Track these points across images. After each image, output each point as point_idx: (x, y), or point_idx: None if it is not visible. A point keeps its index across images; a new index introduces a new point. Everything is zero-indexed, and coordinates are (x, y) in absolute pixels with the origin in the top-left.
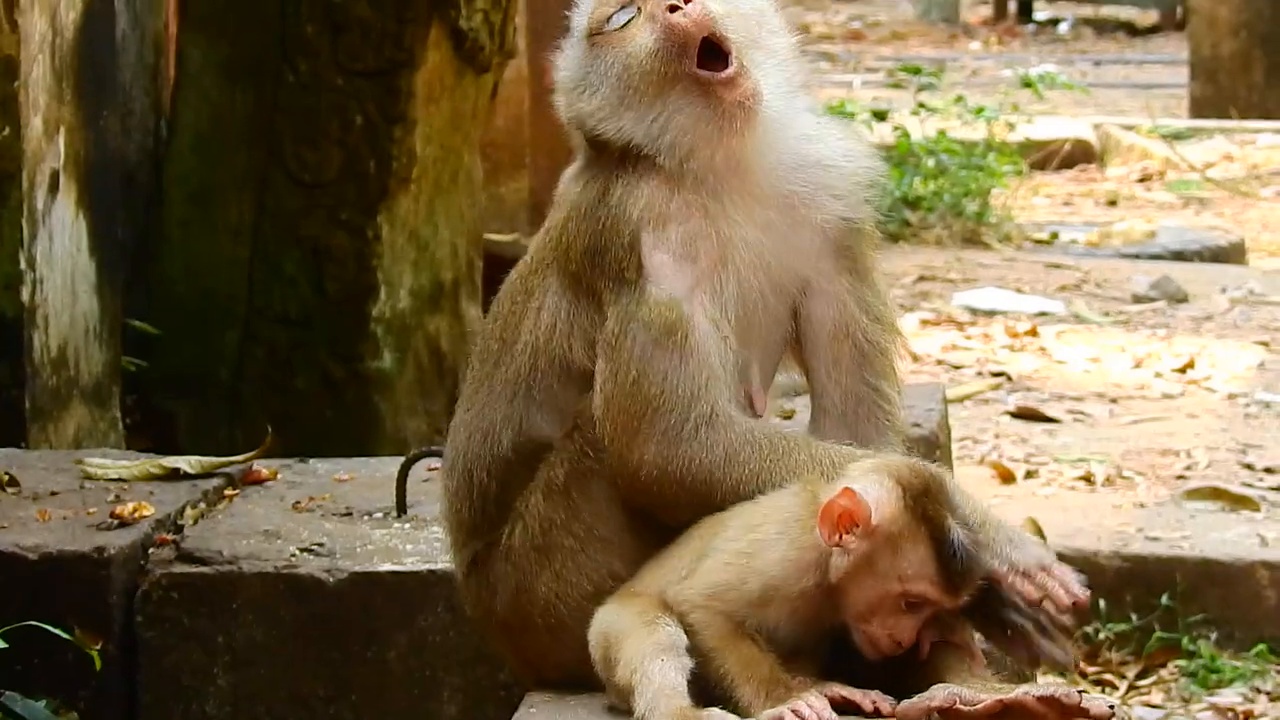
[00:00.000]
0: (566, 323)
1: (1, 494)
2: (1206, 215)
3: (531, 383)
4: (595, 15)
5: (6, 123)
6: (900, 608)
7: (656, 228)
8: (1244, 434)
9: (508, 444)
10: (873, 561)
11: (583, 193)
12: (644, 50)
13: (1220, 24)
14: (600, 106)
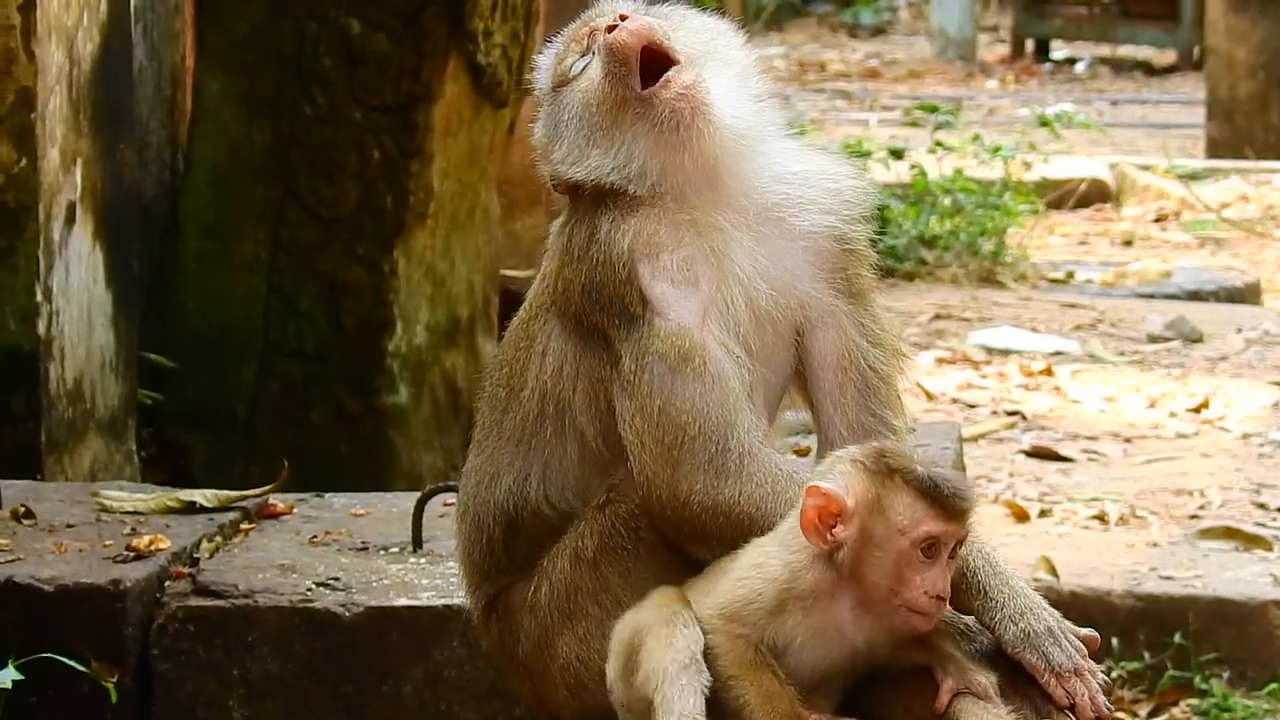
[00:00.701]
0: (574, 363)
1: (18, 526)
2: (1222, 255)
3: (539, 428)
4: (558, 68)
5: (23, 154)
6: (919, 560)
7: (651, 257)
8: (1258, 474)
9: (515, 494)
10: (870, 535)
11: (571, 236)
12: (594, 82)
13: (1238, 65)
14: (568, 152)
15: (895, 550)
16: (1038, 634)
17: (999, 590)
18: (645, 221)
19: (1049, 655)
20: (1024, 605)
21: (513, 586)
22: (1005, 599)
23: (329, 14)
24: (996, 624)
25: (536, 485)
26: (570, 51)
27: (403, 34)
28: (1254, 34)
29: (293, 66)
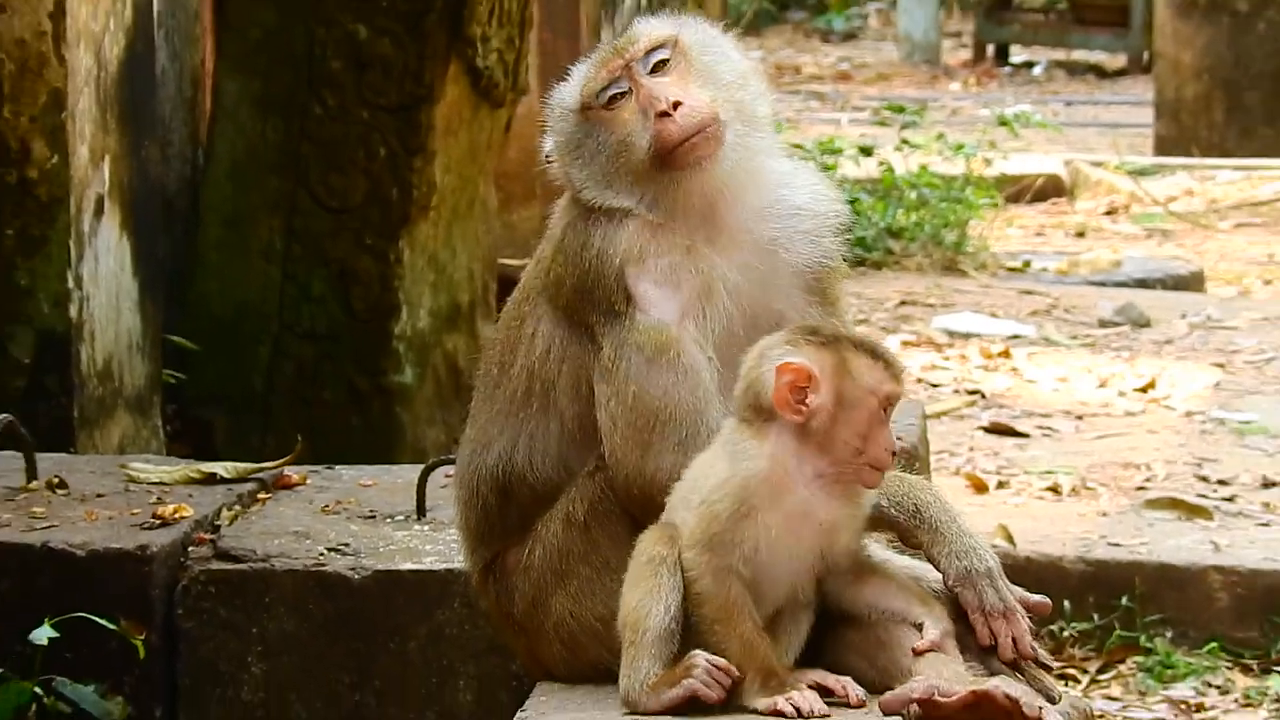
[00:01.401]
0: (560, 348)
1: (52, 495)
2: (1168, 246)
3: (526, 404)
4: (588, 89)
5: (55, 151)
6: (882, 417)
7: (639, 262)
8: (1200, 449)
9: (504, 462)
10: (843, 398)
11: (567, 236)
12: (634, 146)
13: (1184, 68)
14: (590, 177)
15: (866, 409)
16: (978, 573)
17: (949, 528)
18: (638, 235)
19: (983, 595)
20: (969, 545)
21: (507, 550)
22: (953, 537)
23: (338, 20)
24: (942, 558)
25: (523, 455)
26: (600, 78)
27: (406, 39)
28: (1198, 39)
29: (304, 69)
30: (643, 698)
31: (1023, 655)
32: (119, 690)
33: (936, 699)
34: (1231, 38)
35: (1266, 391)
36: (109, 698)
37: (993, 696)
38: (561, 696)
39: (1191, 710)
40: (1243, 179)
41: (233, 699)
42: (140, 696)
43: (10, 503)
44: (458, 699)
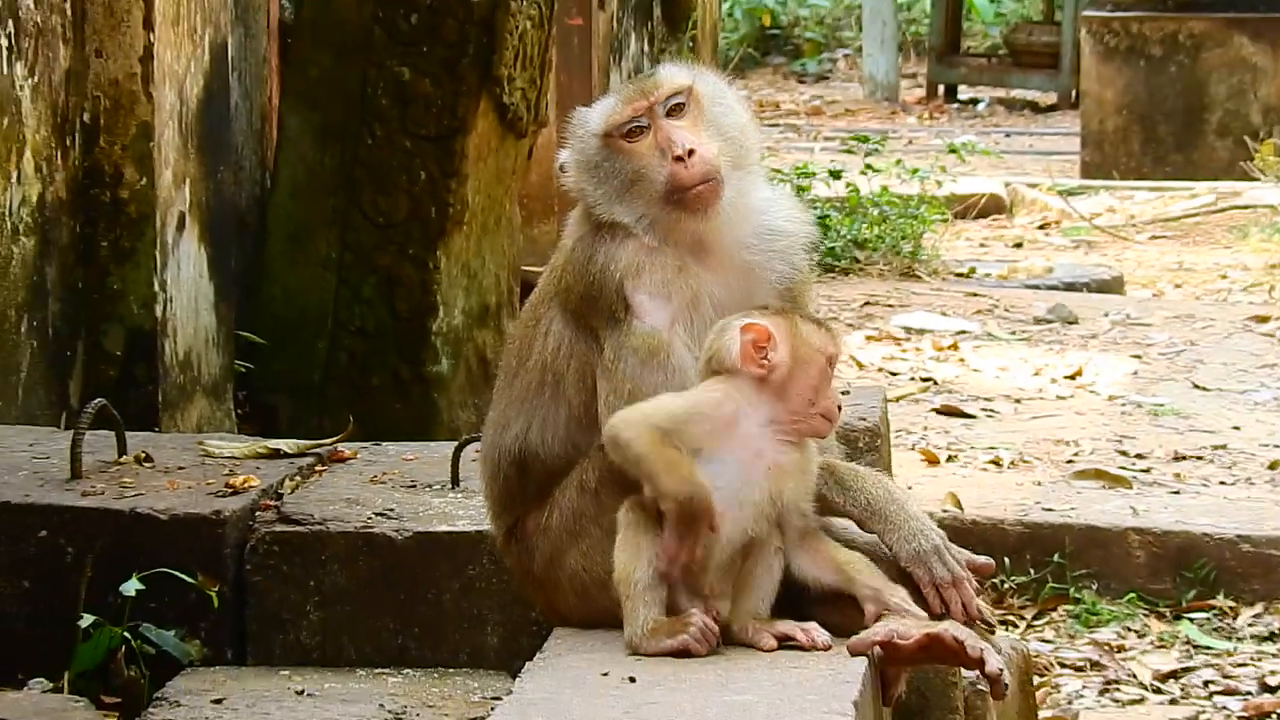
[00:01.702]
0: (569, 346)
1: (139, 468)
2: (1094, 255)
3: (539, 392)
4: (611, 120)
5: (143, 174)
6: (829, 374)
7: (636, 277)
8: (1121, 428)
9: (520, 440)
10: (799, 356)
11: (578, 249)
12: (648, 178)
13: (1106, 104)
14: (604, 195)
15: (818, 367)
16: (926, 552)
17: (897, 515)
18: (638, 253)
19: (933, 570)
20: (916, 528)
21: (527, 515)
22: (901, 523)
23: (386, 63)
24: (894, 544)
25: (536, 435)
26: (625, 113)
27: (443, 79)
28: (1119, 80)
29: (357, 105)
30: (643, 643)
31: (971, 618)
32: (196, 635)
33: (896, 641)
34: (1147, 78)
35: (1177, 379)
36: (187, 641)
37: (942, 638)
38: (575, 640)
39: (1114, 651)
40: (1156, 198)
41: (293, 642)
42: (214, 640)
43: (104, 474)
44: (486, 642)
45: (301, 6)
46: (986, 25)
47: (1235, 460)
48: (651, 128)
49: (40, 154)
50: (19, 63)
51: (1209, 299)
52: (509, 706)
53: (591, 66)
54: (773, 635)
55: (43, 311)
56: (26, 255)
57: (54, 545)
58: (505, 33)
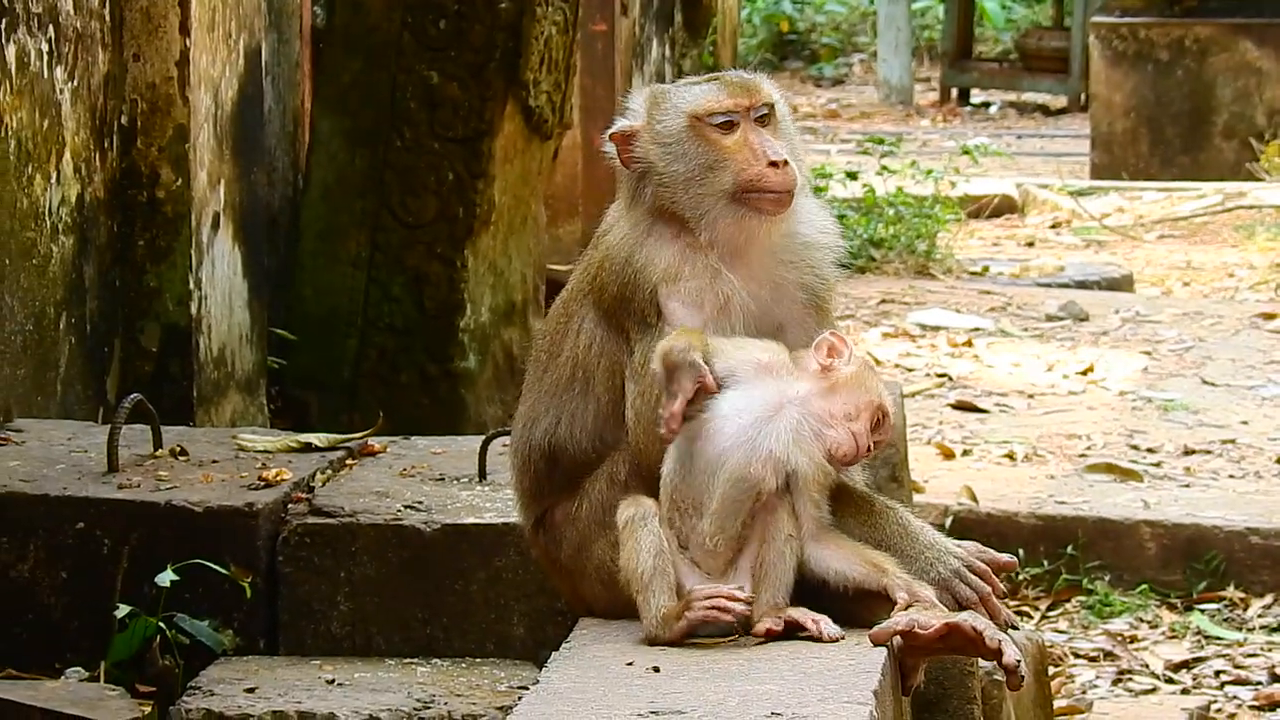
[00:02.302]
0: (599, 345)
1: (175, 461)
2: (1103, 254)
3: (569, 388)
4: (703, 105)
5: (179, 175)
6: (871, 421)
7: (670, 282)
8: (1131, 422)
9: (549, 434)
10: (863, 378)
11: (616, 245)
12: (727, 172)
13: (1115, 107)
14: (675, 175)
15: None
16: (946, 578)
17: (913, 548)
18: (676, 257)
19: (958, 592)
20: (933, 556)
21: (555, 507)
22: (916, 554)
23: (415, 68)
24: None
25: (565, 429)
26: (723, 104)
27: (471, 83)
28: (1127, 84)
29: (387, 108)
30: (658, 631)
31: (1000, 626)
32: (229, 625)
33: (916, 630)
34: (1154, 82)
35: (1186, 375)
36: (221, 631)
37: (961, 628)
38: (600, 630)
39: (1126, 641)
40: (1164, 199)
41: (324, 632)
42: (247, 630)
43: (140, 467)
44: (512, 632)
45: (333, 13)
46: (998, 31)
47: (1244, 454)
48: (741, 127)
49: (79, 155)
50: (59, 67)
51: (1217, 297)
52: (536, 696)
53: (614, 71)
54: (783, 620)
55: (81, 309)
56: (65, 254)
57: (91, 537)
58: (531, 38)
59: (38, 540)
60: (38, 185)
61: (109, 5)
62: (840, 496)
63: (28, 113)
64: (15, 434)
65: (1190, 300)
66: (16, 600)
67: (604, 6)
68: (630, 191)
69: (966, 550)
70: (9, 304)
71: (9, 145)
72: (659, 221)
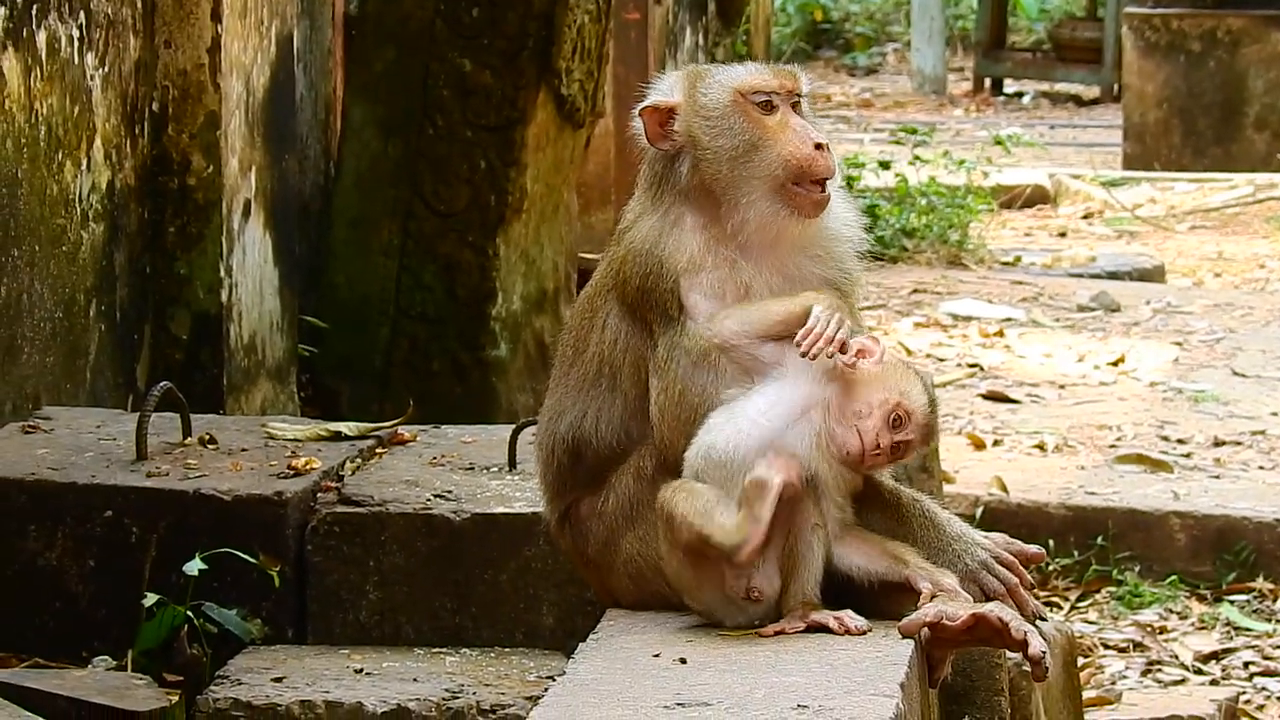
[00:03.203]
0: (625, 339)
1: (204, 450)
2: (1135, 245)
3: (596, 383)
4: (748, 82)
5: (210, 162)
6: (889, 420)
7: (693, 273)
8: (1162, 413)
9: (574, 429)
10: (887, 376)
11: (639, 237)
12: (771, 151)
13: (1147, 98)
14: (720, 150)
15: (886, 395)
16: (974, 570)
17: (940, 541)
18: (700, 247)
19: (985, 584)
20: (960, 549)
21: (580, 500)
22: (943, 547)
23: (447, 56)
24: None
25: (591, 424)
26: (768, 83)
27: (503, 71)
28: (1159, 74)
29: (419, 96)
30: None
31: (1027, 618)
32: (258, 614)
33: (944, 622)
34: (1186, 73)
35: (1217, 366)
36: (249, 620)
37: (988, 619)
38: (627, 621)
39: (1155, 632)
40: (1196, 189)
41: (352, 621)
42: (275, 619)
43: (169, 455)
44: (541, 622)
45: (366, 0)
46: (1031, 21)
47: (1274, 445)
48: (780, 110)
49: (110, 142)
50: (90, 53)
51: (1247, 288)
52: (562, 687)
53: (647, 59)
54: (805, 624)
55: (111, 296)
56: (96, 241)
57: (119, 525)
58: (564, 26)
59: (66, 528)
60: (68, 172)
61: None
62: (866, 489)
63: (58, 99)
64: (44, 421)
65: (1221, 291)
66: (44, 588)
67: None
68: (656, 173)
69: (994, 542)
70: (39, 291)
71: (39, 132)
72: (687, 209)
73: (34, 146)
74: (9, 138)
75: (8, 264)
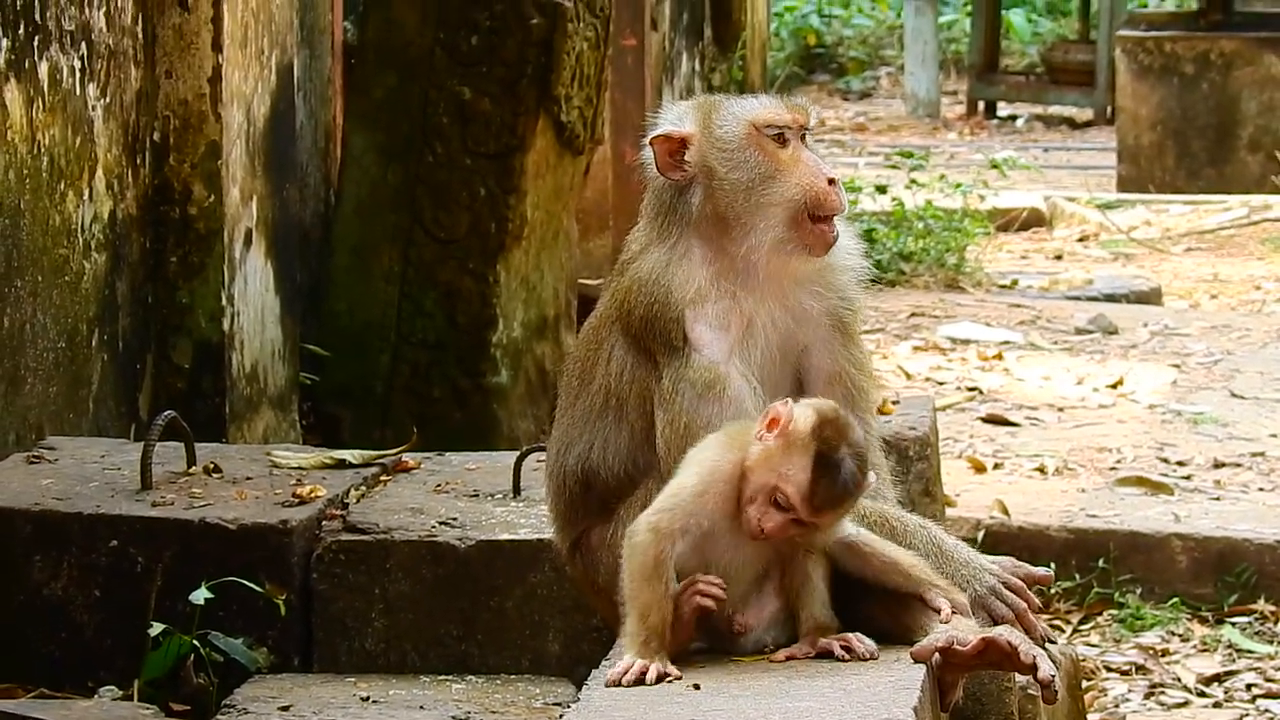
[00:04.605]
0: (630, 371)
1: (208, 478)
2: (1131, 267)
3: (603, 415)
4: (763, 115)
5: (212, 191)
6: (771, 501)
7: (697, 305)
8: (1161, 436)
9: (583, 460)
10: (771, 456)
11: (645, 268)
12: (785, 185)
13: (1141, 120)
14: (736, 182)
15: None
16: (983, 595)
17: (947, 567)
18: (705, 279)
19: (994, 610)
20: (969, 574)
21: (590, 530)
22: (953, 572)
23: (446, 83)
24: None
25: (599, 455)
26: (781, 117)
27: (502, 98)
28: (1153, 97)
29: (419, 124)
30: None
31: (1035, 641)
32: (264, 642)
33: (955, 647)
34: (1180, 95)
35: (1215, 388)
36: (255, 648)
37: (998, 643)
38: None
39: (1158, 655)
40: (1191, 211)
41: (358, 649)
42: (281, 647)
43: (173, 484)
44: (547, 648)
45: (365, 28)
46: (1024, 44)
47: (1273, 467)
48: (792, 144)
49: (112, 172)
50: (91, 84)
51: (1244, 309)
52: (575, 714)
53: (645, 85)
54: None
55: (113, 325)
56: (98, 270)
57: (125, 554)
58: (563, 53)
59: (71, 558)
60: (70, 202)
61: (141, 22)
62: (874, 518)
63: (60, 129)
64: (48, 452)
65: (1218, 313)
66: (50, 618)
67: (634, 21)
68: (664, 203)
69: (1001, 566)
70: (41, 321)
71: (41, 162)
72: (696, 240)
73: (36, 177)
74: (11, 168)
75: (11, 294)
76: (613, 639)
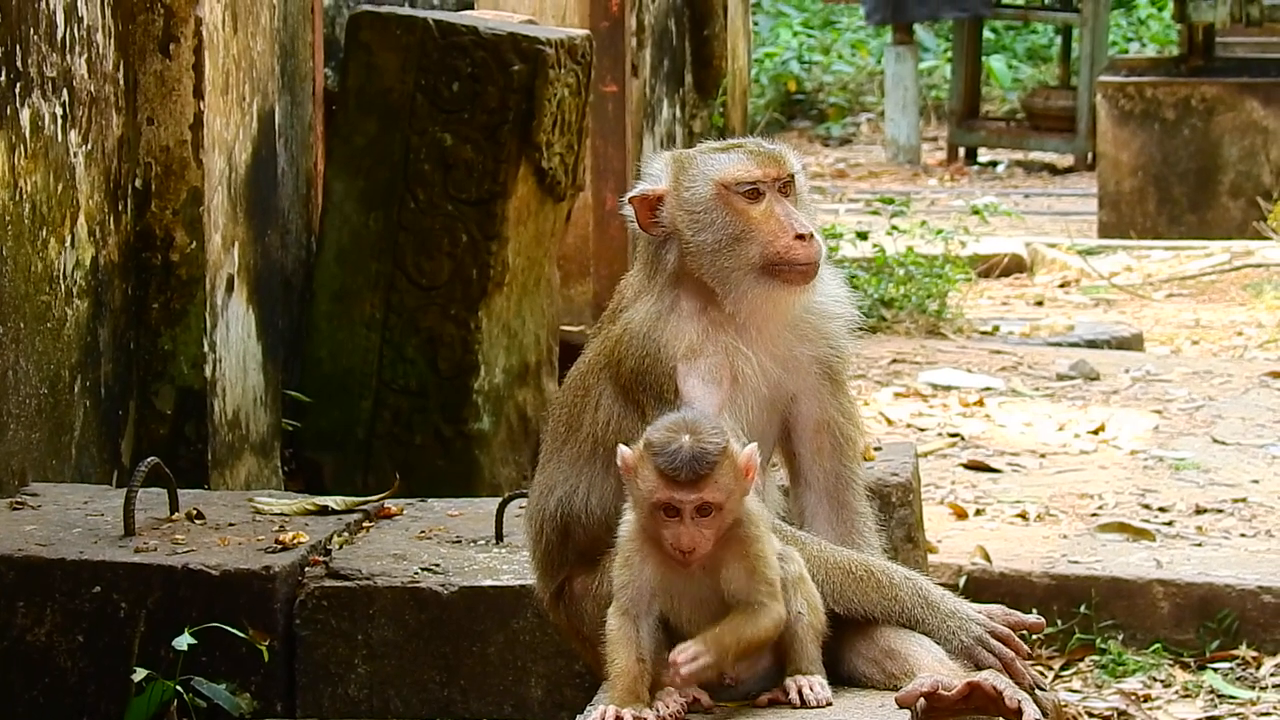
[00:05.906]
0: (617, 421)
1: (191, 525)
2: (1112, 313)
3: (590, 462)
4: (731, 174)
5: (193, 238)
6: (663, 517)
7: (690, 359)
8: (1143, 482)
9: (563, 506)
10: (637, 489)
11: (637, 320)
12: (754, 243)
13: (1122, 166)
14: (703, 244)
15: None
16: (969, 646)
17: (934, 619)
18: (697, 334)
19: (981, 660)
20: (956, 625)
21: (573, 578)
22: (937, 625)
23: (428, 130)
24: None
25: (581, 500)
26: (751, 174)
27: (484, 145)
28: (1134, 143)
29: (400, 170)
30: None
31: (1024, 688)
32: (247, 688)
33: (940, 692)
34: (1161, 141)
35: (1197, 434)
36: (239, 694)
37: (983, 688)
38: None
39: (1140, 700)
40: (1172, 257)
41: (342, 695)
42: (265, 693)
43: (156, 530)
44: (530, 694)
45: (346, 75)
46: (1004, 90)
47: (1255, 513)
48: (767, 198)
49: (94, 219)
50: (73, 130)
51: (1226, 355)
52: None
53: (625, 132)
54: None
55: (95, 372)
56: (80, 317)
57: (108, 600)
58: (544, 100)
59: (54, 604)
60: (52, 249)
61: (123, 69)
62: (860, 571)
63: (42, 176)
64: (31, 498)
65: (1200, 359)
66: (33, 664)
67: (615, 68)
68: (650, 257)
69: (990, 614)
70: (23, 368)
71: (23, 209)
72: (682, 293)
73: (18, 224)
74: None
75: None
76: (595, 685)
